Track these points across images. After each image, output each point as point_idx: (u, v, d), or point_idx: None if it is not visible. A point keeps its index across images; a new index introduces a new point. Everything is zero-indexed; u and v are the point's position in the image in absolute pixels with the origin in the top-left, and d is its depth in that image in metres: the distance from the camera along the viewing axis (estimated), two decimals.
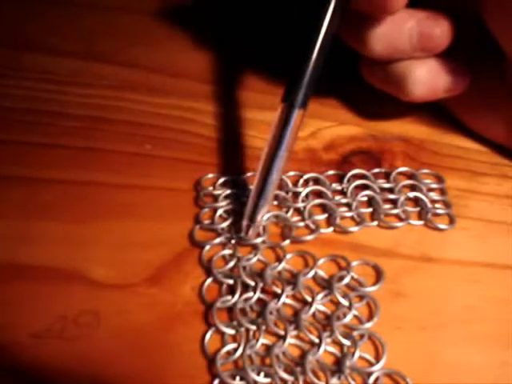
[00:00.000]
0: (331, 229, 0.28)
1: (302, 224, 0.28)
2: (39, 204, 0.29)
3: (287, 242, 0.28)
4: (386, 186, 0.30)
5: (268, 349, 0.24)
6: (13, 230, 0.28)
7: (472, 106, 0.30)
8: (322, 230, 0.28)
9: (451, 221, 0.28)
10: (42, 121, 0.33)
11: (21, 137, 0.32)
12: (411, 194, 0.29)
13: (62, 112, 0.34)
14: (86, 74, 0.36)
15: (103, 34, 0.39)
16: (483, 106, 0.30)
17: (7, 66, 0.36)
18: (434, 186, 0.30)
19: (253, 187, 0.25)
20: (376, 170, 0.30)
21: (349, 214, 0.29)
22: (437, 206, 0.29)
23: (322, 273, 0.26)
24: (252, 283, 0.25)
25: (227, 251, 0.27)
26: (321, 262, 0.27)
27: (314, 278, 0.26)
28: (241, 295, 0.25)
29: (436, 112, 0.33)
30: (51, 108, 0.34)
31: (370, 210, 0.29)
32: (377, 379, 0.23)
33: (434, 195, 0.29)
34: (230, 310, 0.25)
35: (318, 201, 0.29)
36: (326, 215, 0.29)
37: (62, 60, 0.37)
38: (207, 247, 0.27)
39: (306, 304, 0.25)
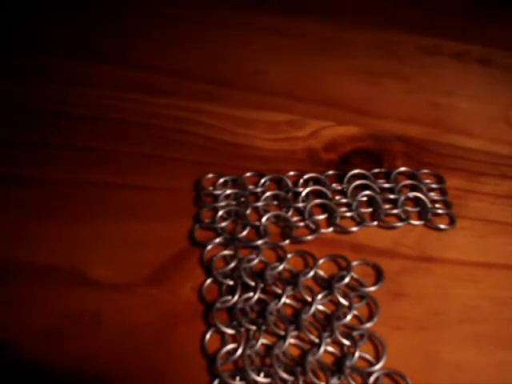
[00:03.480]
0: (331, 229, 0.28)
1: (302, 224, 0.28)
2: (39, 204, 0.29)
3: (287, 241, 0.28)
4: (386, 185, 0.30)
5: (268, 349, 0.24)
6: (13, 229, 0.28)
7: None
8: (322, 230, 0.28)
9: (451, 221, 0.29)
10: (42, 121, 0.33)
11: (20, 137, 0.32)
12: (411, 194, 0.29)
13: (61, 112, 0.34)
14: (85, 74, 0.36)
15: (104, 35, 0.39)
16: None
17: (6, 67, 0.37)
18: (434, 185, 0.30)
19: None
20: (376, 170, 0.30)
21: (349, 214, 0.29)
22: (437, 205, 0.29)
23: (322, 273, 0.26)
24: (252, 283, 0.25)
25: (228, 252, 0.27)
26: (321, 261, 0.27)
27: (314, 277, 0.26)
28: (241, 295, 0.25)
29: (436, 112, 0.33)
30: (51, 108, 0.34)
31: (370, 210, 0.29)
32: (377, 379, 0.23)
33: (434, 195, 0.29)
34: (230, 310, 0.25)
35: (318, 201, 0.29)
36: (325, 215, 0.29)
37: (62, 60, 0.37)
38: (208, 247, 0.27)
39: (306, 304, 0.25)
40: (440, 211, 0.29)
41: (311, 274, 0.26)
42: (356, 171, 0.30)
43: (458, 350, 0.24)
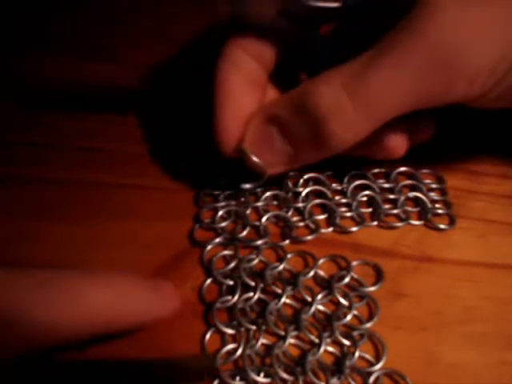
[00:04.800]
0: (331, 229, 0.28)
1: (302, 224, 0.28)
2: (39, 204, 0.29)
3: (287, 242, 0.28)
4: (386, 186, 0.30)
5: (268, 349, 0.24)
6: (12, 229, 0.28)
7: None
8: (322, 230, 0.28)
9: (451, 221, 0.28)
10: (42, 121, 0.33)
11: (20, 137, 0.32)
12: (411, 194, 0.29)
13: (61, 112, 0.33)
14: (85, 73, 0.36)
15: (103, 35, 0.39)
16: None
17: (5, 67, 0.36)
18: (434, 186, 0.30)
19: None
20: (376, 170, 0.30)
21: (349, 214, 0.29)
22: (437, 206, 0.29)
23: (322, 273, 0.26)
24: (252, 283, 0.25)
25: (228, 252, 0.27)
26: (321, 261, 0.27)
27: (314, 278, 0.26)
28: (241, 295, 0.25)
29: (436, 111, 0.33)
30: (51, 108, 0.34)
31: (370, 210, 0.29)
32: (377, 379, 0.23)
33: (434, 195, 0.29)
34: (230, 310, 0.25)
35: (318, 201, 0.29)
36: (325, 215, 0.29)
37: (61, 60, 0.37)
38: (208, 247, 0.27)
39: (306, 304, 0.25)
40: (440, 211, 0.29)
41: (311, 274, 0.26)
42: (356, 171, 0.30)
43: (458, 350, 0.24)
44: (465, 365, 0.24)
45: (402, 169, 0.30)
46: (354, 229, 0.28)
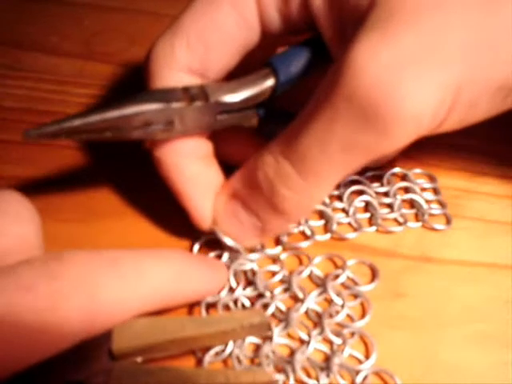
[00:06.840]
0: (328, 235, 0.28)
1: (298, 229, 0.28)
2: (38, 204, 0.28)
3: (281, 248, 0.27)
4: (381, 190, 0.29)
5: (257, 348, 0.24)
6: None
7: None
8: (319, 237, 0.28)
9: (448, 220, 0.28)
10: (42, 121, 0.33)
11: (20, 137, 0.33)
12: (406, 196, 0.29)
13: (62, 112, 0.34)
14: (86, 73, 0.36)
15: (103, 34, 0.39)
16: None
17: (7, 66, 0.37)
18: (427, 185, 0.30)
19: None
20: (369, 174, 0.30)
21: (346, 221, 0.28)
22: (432, 206, 0.29)
23: (317, 271, 0.26)
24: (234, 285, 0.25)
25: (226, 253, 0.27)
26: (317, 261, 0.27)
27: (310, 275, 0.26)
28: (228, 291, 0.25)
29: None
30: (51, 108, 0.34)
31: (368, 215, 0.29)
32: (365, 377, 0.22)
33: (429, 195, 0.29)
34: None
35: None
36: (323, 221, 0.28)
37: (61, 60, 0.37)
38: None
39: (298, 301, 0.25)
40: (436, 211, 0.28)
41: (306, 272, 0.26)
42: (351, 177, 0.29)
43: (457, 350, 0.24)
44: (465, 365, 0.23)
45: (395, 170, 0.30)
46: (352, 235, 0.28)
